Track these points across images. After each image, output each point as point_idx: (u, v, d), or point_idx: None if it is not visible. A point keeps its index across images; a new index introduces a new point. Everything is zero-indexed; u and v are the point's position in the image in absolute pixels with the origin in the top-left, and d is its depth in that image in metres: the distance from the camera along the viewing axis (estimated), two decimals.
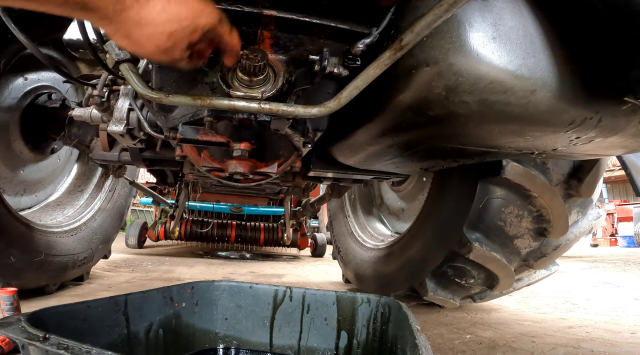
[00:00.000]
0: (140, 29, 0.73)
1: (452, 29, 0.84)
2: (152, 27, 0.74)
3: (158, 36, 0.75)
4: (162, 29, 0.75)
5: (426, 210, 2.13)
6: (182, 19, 0.76)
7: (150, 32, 0.74)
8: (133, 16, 0.72)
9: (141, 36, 0.74)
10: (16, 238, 2.00)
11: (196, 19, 0.77)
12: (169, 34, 0.76)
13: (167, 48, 0.78)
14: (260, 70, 0.96)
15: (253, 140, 1.17)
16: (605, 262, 6.71)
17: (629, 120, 0.95)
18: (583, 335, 1.88)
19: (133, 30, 0.73)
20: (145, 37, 0.74)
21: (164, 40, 0.76)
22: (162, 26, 0.74)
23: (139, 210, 14.15)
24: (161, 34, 0.75)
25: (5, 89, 2.13)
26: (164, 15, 0.74)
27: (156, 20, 0.73)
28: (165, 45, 0.77)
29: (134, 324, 1.00)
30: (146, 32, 0.74)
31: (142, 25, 0.73)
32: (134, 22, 0.72)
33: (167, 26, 0.75)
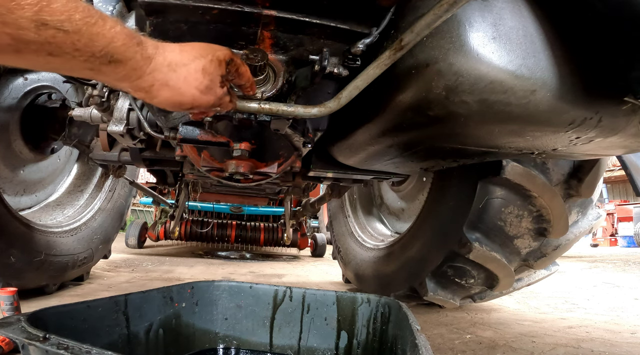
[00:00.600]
0: (174, 72, 0.70)
1: (452, 29, 0.84)
2: (184, 66, 0.71)
3: (194, 74, 0.72)
4: (194, 67, 0.72)
5: (426, 210, 2.13)
6: (203, 54, 0.74)
7: (185, 73, 0.72)
8: (162, 61, 0.69)
9: (179, 80, 0.71)
10: (16, 238, 2.00)
11: (214, 52, 0.76)
12: (202, 71, 0.73)
13: (207, 86, 0.75)
14: (260, 70, 0.96)
15: (253, 140, 1.17)
16: (605, 262, 6.71)
17: (629, 120, 0.95)
18: (583, 335, 1.88)
19: (169, 75, 0.70)
20: (182, 79, 0.71)
21: (201, 78, 0.73)
22: (192, 64, 0.72)
23: (139, 210, 14.14)
24: (196, 72, 0.72)
25: (5, 89, 2.13)
26: (186, 55, 0.72)
27: (184, 60, 0.72)
28: (204, 83, 0.74)
29: (134, 324, 1.00)
30: (182, 74, 0.71)
31: (174, 68, 0.70)
32: (166, 66, 0.69)
33: (196, 63, 0.73)
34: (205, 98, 0.75)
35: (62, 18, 0.54)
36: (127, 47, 0.63)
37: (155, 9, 0.92)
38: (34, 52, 0.55)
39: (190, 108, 0.76)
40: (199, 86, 0.73)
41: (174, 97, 0.72)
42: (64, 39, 0.55)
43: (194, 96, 0.74)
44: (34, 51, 0.55)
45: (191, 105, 0.75)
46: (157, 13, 0.93)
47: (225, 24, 0.96)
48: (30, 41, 0.53)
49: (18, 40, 0.53)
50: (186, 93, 0.73)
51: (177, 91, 0.72)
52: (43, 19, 0.53)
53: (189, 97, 0.73)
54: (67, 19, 0.55)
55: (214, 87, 0.76)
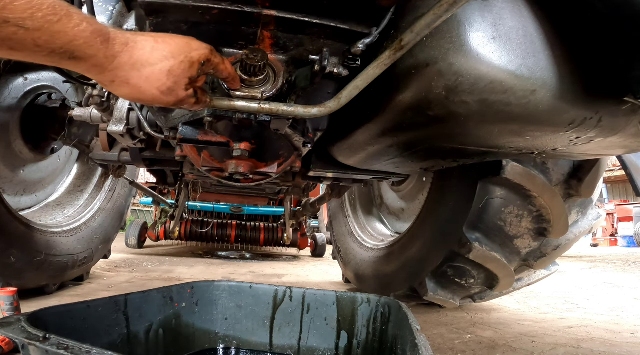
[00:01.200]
0: (137, 71, 0.71)
1: (452, 29, 0.84)
2: (149, 67, 0.72)
3: (158, 75, 0.73)
4: (160, 68, 0.72)
5: (426, 210, 2.13)
6: (176, 54, 0.74)
7: (148, 73, 0.72)
8: (127, 60, 0.69)
9: (140, 79, 0.72)
10: (16, 238, 2.00)
11: (189, 53, 0.76)
12: (167, 72, 0.73)
13: (169, 88, 0.75)
14: (260, 70, 0.96)
15: (253, 140, 1.17)
16: (605, 262, 6.71)
17: (629, 120, 0.95)
18: (583, 335, 1.88)
19: (130, 74, 0.71)
20: (144, 79, 0.72)
21: (164, 80, 0.74)
22: (159, 64, 0.72)
23: (139, 210, 14.14)
24: (160, 73, 0.73)
25: (5, 89, 2.13)
26: (156, 54, 0.72)
27: (151, 60, 0.72)
28: (167, 84, 0.74)
29: (134, 324, 1.00)
30: (145, 74, 0.72)
31: (138, 67, 0.71)
32: (129, 65, 0.70)
33: (164, 64, 0.73)
34: (165, 99, 0.76)
35: (24, 16, 0.55)
36: (89, 46, 0.63)
37: (155, 9, 0.92)
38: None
39: (150, 103, 0.78)
40: (160, 87, 0.74)
41: (133, 94, 0.74)
42: (24, 36, 0.57)
43: (153, 95, 0.75)
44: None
45: (151, 103, 0.77)
46: (157, 13, 0.93)
47: (225, 24, 0.96)
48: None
49: None
50: (146, 92, 0.74)
51: (137, 89, 0.73)
52: (4, 17, 0.54)
53: (148, 96, 0.74)
54: (29, 16, 0.56)
55: (177, 90, 0.76)
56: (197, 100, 0.84)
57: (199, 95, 0.84)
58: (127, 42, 0.69)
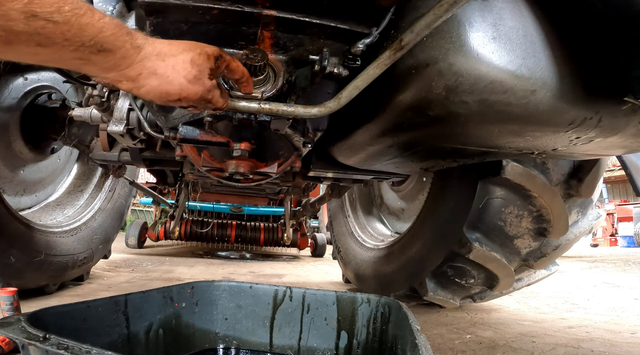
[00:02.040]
0: (163, 61, 0.72)
1: (452, 29, 0.84)
2: (172, 57, 0.73)
3: (182, 64, 0.73)
4: (182, 58, 0.73)
5: (426, 210, 2.13)
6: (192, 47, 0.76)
7: (174, 63, 0.73)
8: (151, 51, 0.71)
9: (167, 68, 0.72)
10: (16, 238, 2.00)
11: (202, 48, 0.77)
12: (190, 61, 0.74)
13: (196, 76, 0.75)
14: (260, 70, 0.96)
15: (253, 140, 1.17)
16: (605, 262, 6.71)
17: (629, 120, 0.95)
18: (583, 335, 1.88)
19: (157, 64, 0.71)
20: (171, 67, 0.73)
21: (189, 68, 0.74)
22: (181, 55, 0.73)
23: (139, 210, 14.14)
24: (184, 62, 0.74)
25: (5, 89, 2.13)
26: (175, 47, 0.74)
27: (172, 51, 0.73)
28: (193, 72, 0.75)
29: (134, 324, 1.00)
30: (170, 63, 0.73)
31: (163, 57, 0.72)
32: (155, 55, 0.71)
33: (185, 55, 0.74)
34: (193, 88, 0.76)
35: (51, 9, 0.56)
36: (117, 37, 0.64)
37: (155, 9, 0.92)
38: (24, 43, 0.57)
39: (177, 99, 0.76)
40: (187, 75, 0.74)
41: (162, 86, 0.73)
42: (53, 30, 0.57)
43: (181, 85, 0.74)
44: (24, 42, 0.57)
45: (179, 96, 0.76)
46: (157, 13, 0.93)
47: (225, 24, 0.96)
48: (20, 32, 0.55)
49: (8, 31, 0.55)
50: (174, 81, 0.73)
51: (165, 79, 0.73)
52: (33, 11, 0.54)
53: (176, 86, 0.74)
54: (57, 10, 0.56)
55: (202, 78, 0.77)
56: (222, 94, 0.84)
57: (222, 90, 0.84)
58: (146, 37, 0.71)
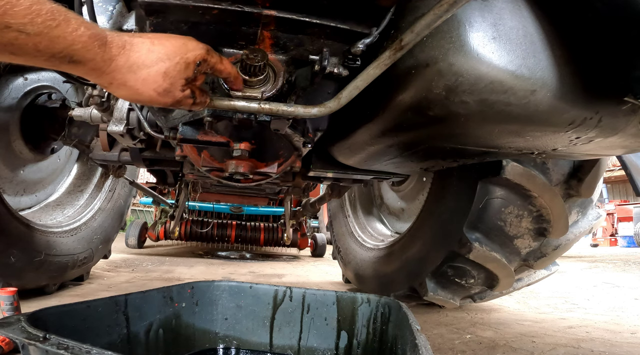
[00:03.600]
0: (134, 73, 0.73)
1: (452, 29, 0.84)
2: (145, 69, 0.74)
3: (154, 77, 0.75)
4: (156, 70, 0.74)
5: (426, 210, 2.13)
6: (171, 55, 0.76)
7: (145, 75, 0.74)
8: (123, 63, 0.71)
9: (137, 81, 0.74)
10: (16, 238, 2.00)
11: (184, 54, 0.78)
12: (163, 74, 0.75)
13: (166, 89, 0.77)
14: (260, 70, 0.96)
15: (253, 140, 1.17)
16: (605, 262, 6.71)
17: (629, 120, 0.95)
18: (583, 335, 1.88)
19: (127, 76, 0.73)
20: (141, 81, 0.74)
21: (160, 81, 0.75)
22: (155, 66, 0.74)
23: (139, 210, 14.14)
24: (156, 75, 0.75)
25: (5, 89, 2.13)
26: (152, 56, 0.74)
27: (147, 62, 0.73)
28: (163, 86, 0.76)
29: (133, 324, 1.00)
30: (141, 76, 0.74)
31: (134, 70, 0.73)
32: (126, 68, 0.72)
33: (159, 66, 0.75)
34: (162, 99, 0.78)
35: (24, 21, 0.56)
36: (87, 50, 0.65)
37: (155, 9, 0.92)
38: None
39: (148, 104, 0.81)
40: (156, 89, 0.76)
41: (131, 96, 0.76)
42: (25, 41, 0.58)
43: (150, 96, 0.77)
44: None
45: (149, 103, 0.79)
46: (157, 13, 0.93)
47: (225, 24, 0.96)
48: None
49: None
50: (143, 93, 0.76)
51: (134, 91, 0.75)
52: (6, 22, 0.55)
53: (145, 97, 0.76)
54: (30, 21, 0.57)
55: (173, 91, 0.78)
56: (195, 101, 0.85)
57: (197, 96, 0.85)
58: (123, 45, 0.71)
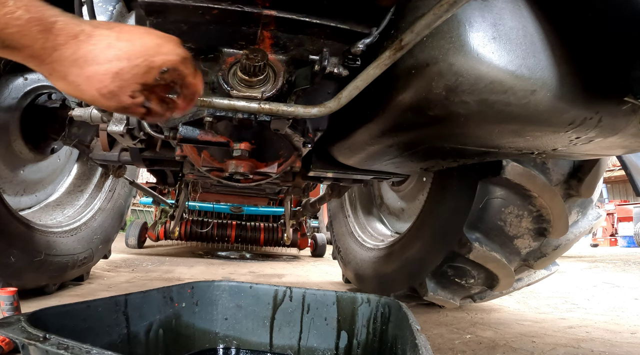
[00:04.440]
0: (79, 68, 0.63)
1: (452, 29, 0.84)
2: (94, 65, 0.63)
3: (101, 76, 0.64)
4: (106, 68, 0.64)
5: (426, 210, 2.13)
6: (133, 56, 0.66)
7: (91, 72, 0.64)
8: (68, 55, 0.62)
9: (79, 76, 0.64)
10: (16, 238, 2.00)
11: (151, 56, 0.67)
12: (113, 74, 0.65)
13: (111, 91, 0.66)
14: (260, 70, 0.96)
15: (253, 140, 1.17)
16: (605, 262, 6.71)
17: (629, 120, 0.95)
18: (583, 335, 1.88)
19: (70, 70, 0.63)
20: (85, 77, 0.64)
21: (107, 82, 0.65)
22: (107, 65, 0.64)
23: (139, 210, 14.14)
24: (104, 75, 0.64)
25: (5, 89, 2.13)
26: (109, 53, 0.64)
27: (99, 58, 0.64)
28: (109, 87, 0.65)
29: (133, 324, 1.00)
30: (86, 72, 0.63)
31: (80, 64, 0.63)
32: (71, 61, 0.62)
33: (112, 65, 0.64)
34: (105, 102, 0.67)
35: None
36: (22, 35, 0.58)
37: (155, 9, 0.92)
38: None
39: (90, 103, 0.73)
40: (100, 89, 0.65)
41: (71, 91, 0.66)
42: None
43: (92, 96, 0.66)
44: None
45: (90, 103, 0.70)
46: (157, 13, 0.93)
47: (225, 24, 0.96)
48: None
49: None
50: (84, 92, 0.65)
51: (74, 87, 0.65)
52: None
53: (86, 96, 0.66)
54: None
55: (120, 95, 0.67)
56: (150, 112, 0.73)
57: (153, 106, 0.73)
58: (77, 34, 0.62)
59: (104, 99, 0.66)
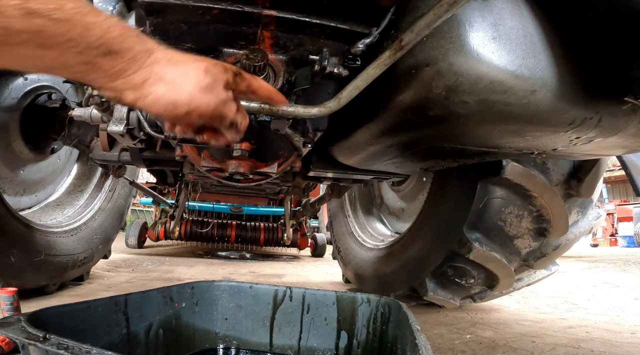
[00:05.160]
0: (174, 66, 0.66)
1: (452, 29, 0.84)
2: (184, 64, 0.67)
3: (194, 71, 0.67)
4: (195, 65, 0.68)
5: (426, 210, 2.13)
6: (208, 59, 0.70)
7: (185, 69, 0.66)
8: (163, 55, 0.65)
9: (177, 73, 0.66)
10: (16, 238, 2.00)
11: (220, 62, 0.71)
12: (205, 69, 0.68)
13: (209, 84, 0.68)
14: (260, 70, 0.96)
15: (253, 140, 1.17)
16: (605, 262, 6.71)
17: (629, 120, 0.95)
18: (583, 335, 1.88)
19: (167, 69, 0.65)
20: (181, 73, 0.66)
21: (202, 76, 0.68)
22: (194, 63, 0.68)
23: (139, 210, 14.15)
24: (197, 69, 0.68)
25: (5, 89, 2.13)
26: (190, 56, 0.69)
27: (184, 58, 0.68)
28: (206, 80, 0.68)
29: (133, 324, 1.00)
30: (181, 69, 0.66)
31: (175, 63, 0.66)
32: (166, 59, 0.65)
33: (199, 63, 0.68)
34: (205, 98, 0.67)
35: (52, 6, 0.52)
36: (125, 38, 0.59)
37: (155, 9, 0.92)
38: (24, 44, 0.53)
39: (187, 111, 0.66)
40: (199, 83, 0.66)
41: (169, 95, 0.64)
42: (55, 28, 0.53)
43: (191, 94, 0.65)
44: (24, 42, 0.52)
45: (188, 107, 0.66)
46: (157, 13, 0.93)
47: (225, 24, 0.96)
48: (19, 31, 0.51)
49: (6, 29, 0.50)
50: (183, 88, 0.65)
51: (173, 86, 0.64)
52: (30, 8, 0.50)
53: (185, 95, 0.65)
54: (59, 7, 0.52)
55: (217, 87, 0.68)
56: (239, 109, 0.75)
57: (238, 103, 0.75)
58: (158, 42, 0.66)
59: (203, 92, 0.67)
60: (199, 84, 0.66)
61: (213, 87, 0.68)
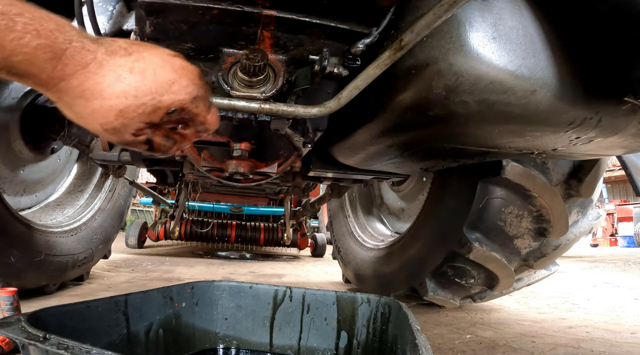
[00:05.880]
0: (85, 100, 0.59)
1: (452, 29, 0.84)
2: (100, 100, 0.59)
3: (105, 112, 0.60)
4: (111, 104, 0.60)
5: (426, 210, 2.13)
6: (141, 94, 0.61)
7: (96, 107, 0.60)
8: (75, 86, 0.58)
9: (85, 109, 0.60)
10: (16, 238, 2.00)
11: (160, 95, 0.62)
12: (119, 112, 0.60)
13: (115, 128, 0.62)
14: (260, 70, 0.96)
15: (253, 140, 1.17)
16: (605, 262, 6.71)
17: (629, 120, 0.95)
18: (583, 335, 1.88)
19: (75, 101, 0.60)
20: (89, 111, 0.60)
21: (111, 118, 0.61)
22: (112, 101, 0.60)
23: (139, 210, 14.15)
24: (109, 110, 0.60)
25: (5, 89, 2.13)
26: (117, 87, 0.60)
27: (105, 93, 0.59)
28: (113, 124, 0.61)
29: (133, 324, 1.00)
30: (91, 106, 0.60)
31: (87, 97, 0.59)
32: (77, 93, 0.59)
33: (118, 101, 0.60)
34: (108, 136, 0.64)
35: None
36: (30, 63, 0.54)
37: (155, 9, 0.92)
38: None
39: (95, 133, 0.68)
40: (104, 125, 0.62)
41: (77, 121, 0.63)
42: None
43: (95, 129, 0.63)
44: None
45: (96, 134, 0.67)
46: (157, 13, 0.93)
47: (225, 24, 0.96)
48: None
49: None
50: (88, 124, 0.62)
51: (78, 118, 0.62)
52: None
53: (90, 127, 0.63)
54: None
55: (123, 133, 0.63)
56: (152, 148, 0.69)
57: (156, 143, 0.69)
58: (86, 64, 0.58)
59: (107, 133, 0.63)
60: (104, 126, 0.62)
61: (119, 131, 0.63)
